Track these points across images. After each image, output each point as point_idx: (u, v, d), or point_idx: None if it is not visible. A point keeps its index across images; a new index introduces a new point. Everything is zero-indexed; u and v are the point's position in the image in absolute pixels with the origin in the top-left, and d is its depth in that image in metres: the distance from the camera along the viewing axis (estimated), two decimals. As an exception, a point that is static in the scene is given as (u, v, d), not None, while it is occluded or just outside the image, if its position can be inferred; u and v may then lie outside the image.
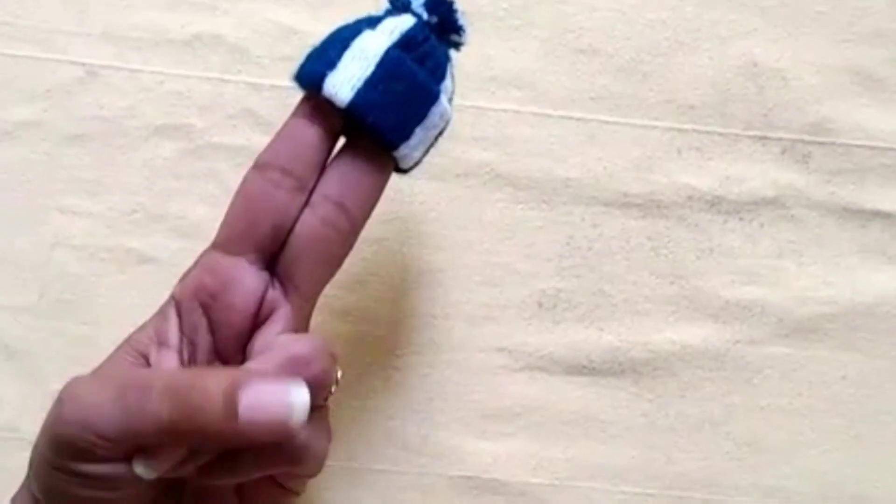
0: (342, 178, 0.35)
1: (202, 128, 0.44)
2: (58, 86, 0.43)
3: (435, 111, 0.35)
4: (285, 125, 0.35)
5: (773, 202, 0.45)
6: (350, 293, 0.43)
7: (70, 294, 0.43)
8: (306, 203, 0.34)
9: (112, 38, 0.44)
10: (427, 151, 0.36)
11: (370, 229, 0.42)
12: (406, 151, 0.35)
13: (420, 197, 0.44)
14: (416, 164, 0.36)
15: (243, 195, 0.35)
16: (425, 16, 0.35)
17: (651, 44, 0.44)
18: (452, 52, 0.36)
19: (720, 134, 0.45)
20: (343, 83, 0.33)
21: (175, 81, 0.44)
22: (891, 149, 0.45)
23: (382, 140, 0.34)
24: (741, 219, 0.45)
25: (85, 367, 0.41)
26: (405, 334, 0.44)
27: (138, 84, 0.44)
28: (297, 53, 0.43)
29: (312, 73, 0.34)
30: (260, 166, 0.35)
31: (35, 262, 0.43)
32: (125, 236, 0.43)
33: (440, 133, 0.36)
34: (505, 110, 0.44)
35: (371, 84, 0.33)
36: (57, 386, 0.32)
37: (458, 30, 0.36)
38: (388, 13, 0.35)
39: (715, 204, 0.45)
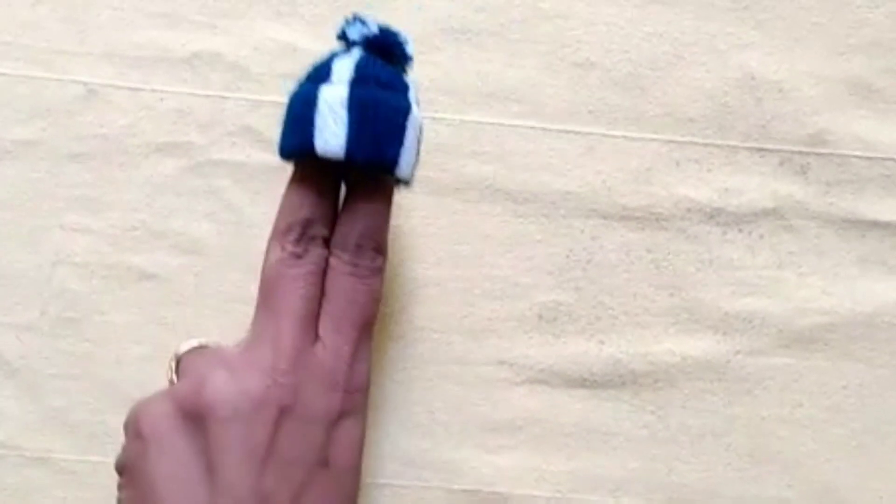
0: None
1: (202, 145, 0.44)
2: (58, 104, 0.44)
3: (412, 119, 0.36)
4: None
5: (772, 213, 0.45)
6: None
7: (72, 311, 0.43)
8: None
9: (112, 57, 0.44)
10: (418, 154, 0.37)
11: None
12: (404, 167, 0.36)
13: (420, 211, 0.44)
14: (414, 170, 0.37)
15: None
16: (366, 41, 0.36)
17: (649, 57, 0.45)
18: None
19: (719, 146, 0.45)
20: (330, 141, 0.35)
21: (175, 99, 0.44)
22: (889, 159, 0.45)
23: (383, 170, 0.36)
24: (740, 230, 0.45)
25: (87, 384, 0.42)
26: (406, 348, 0.44)
27: (138, 102, 0.44)
28: (296, 70, 0.44)
29: (299, 143, 0.36)
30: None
31: (37, 279, 0.43)
32: (126, 253, 0.44)
33: (420, 132, 0.37)
34: (503, 124, 0.44)
35: (353, 131, 0.35)
36: (58, 403, 0.32)
37: (402, 54, 0.37)
38: (333, 56, 0.37)
39: (714, 216, 0.45)
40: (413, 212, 0.44)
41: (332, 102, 0.35)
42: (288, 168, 0.37)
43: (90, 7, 0.44)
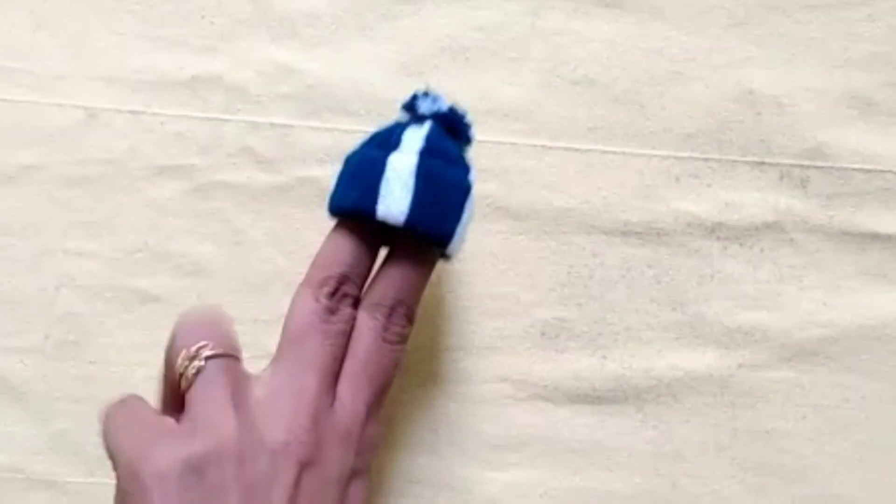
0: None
1: (203, 167, 0.44)
2: (59, 129, 0.44)
3: (470, 199, 0.38)
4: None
5: (772, 227, 0.45)
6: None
7: (75, 335, 0.44)
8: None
9: (112, 82, 0.44)
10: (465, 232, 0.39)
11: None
12: (455, 243, 0.37)
13: (421, 230, 0.44)
14: (460, 248, 0.38)
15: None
16: (437, 116, 0.38)
17: (647, 73, 0.45)
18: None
19: (718, 161, 0.45)
20: (392, 206, 0.36)
21: (175, 122, 0.44)
22: (888, 172, 0.45)
23: (437, 242, 0.37)
24: (741, 244, 0.45)
25: (91, 407, 0.42)
26: (409, 367, 0.44)
27: (139, 126, 0.44)
28: (295, 91, 0.44)
29: (359, 204, 0.36)
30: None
31: (40, 303, 0.44)
32: (129, 276, 0.44)
33: (472, 213, 0.39)
34: (503, 142, 0.45)
35: (417, 200, 0.36)
36: (64, 425, 0.33)
37: (466, 135, 0.39)
38: (402, 126, 0.38)
39: (714, 230, 0.45)
40: (414, 231, 0.44)
41: (401, 170, 0.36)
42: (293, 195, 0.37)
43: (90, 32, 0.44)
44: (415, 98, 0.38)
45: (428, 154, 0.36)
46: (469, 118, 0.39)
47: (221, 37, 0.44)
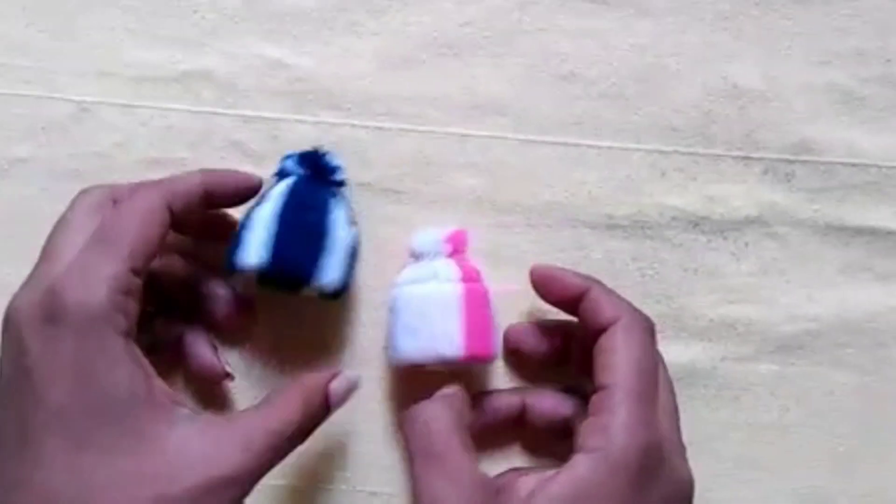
0: None
1: (193, 160, 0.44)
2: (52, 123, 0.45)
3: (334, 239, 0.40)
4: None
5: (756, 221, 0.45)
6: (342, 320, 0.44)
7: (68, 325, 0.44)
8: None
9: (104, 76, 0.45)
10: (350, 272, 0.41)
11: (363, 256, 0.43)
12: (324, 281, 0.40)
13: (408, 223, 0.44)
14: (345, 286, 0.41)
15: None
16: (301, 172, 0.41)
17: (633, 68, 0.45)
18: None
19: (703, 155, 0.45)
20: (250, 253, 0.39)
21: (166, 116, 0.45)
22: (873, 166, 0.45)
23: (298, 283, 0.40)
24: (725, 238, 0.45)
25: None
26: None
27: (130, 119, 0.45)
28: (284, 86, 0.45)
29: (229, 260, 0.40)
30: None
31: (34, 294, 0.44)
32: (121, 267, 0.44)
33: (353, 261, 0.42)
34: (489, 136, 0.45)
35: (276, 241, 0.39)
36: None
37: (332, 172, 0.42)
38: (275, 180, 0.42)
39: (699, 224, 0.45)
40: (401, 223, 0.45)
41: (262, 217, 0.40)
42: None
43: (82, 27, 0.45)
44: (284, 160, 0.42)
45: (288, 204, 0.40)
46: (333, 159, 0.42)
47: (212, 32, 0.45)
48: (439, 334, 0.40)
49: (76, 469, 0.33)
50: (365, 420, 0.44)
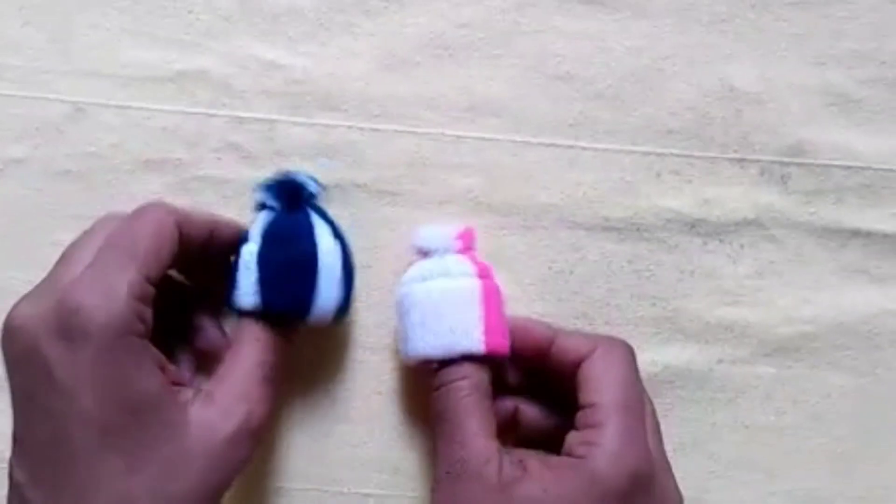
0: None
1: (188, 162, 0.44)
2: (47, 123, 0.44)
3: (323, 267, 0.40)
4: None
5: (752, 223, 0.45)
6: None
7: (63, 326, 0.44)
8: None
9: (99, 76, 0.45)
10: (348, 296, 0.41)
11: (358, 257, 0.43)
12: (319, 314, 0.40)
13: (403, 224, 0.44)
14: (346, 308, 0.41)
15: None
16: (276, 204, 0.41)
17: (629, 70, 0.45)
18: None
19: (699, 157, 0.45)
20: (242, 296, 0.40)
21: (161, 117, 0.44)
22: (868, 168, 0.45)
23: (295, 317, 0.40)
24: (721, 240, 0.45)
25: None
26: (389, 360, 0.44)
27: (126, 120, 0.44)
28: (280, 87, 0.45)
29: (228, 298, 0.40)
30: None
31: (28, 295, 0.44)
32: (115, 268, 0.44)
33: (350, 274, 0.41)
34: (485, 138, 0.45)
35: (262, 284, 0.39)
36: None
37: (305, 191, 0.42)
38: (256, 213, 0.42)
39: (695, 226, 0.45)
40: (396, 225, 0.45)
41: (246, 259, 0.40)
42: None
43: (77, 27, 0.45)
44: (257, 190, 0.42)
45: (269, 239, 0.40)
46: (302, 177, 0.42)
47: (208, 33, 0.45)
48: (459, 329, 0.39)
49: (129, 477, 0.35)
50: (361, 423, 0.44)
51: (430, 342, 0.39)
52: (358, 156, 0.45)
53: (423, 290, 0.40)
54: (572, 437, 0.38)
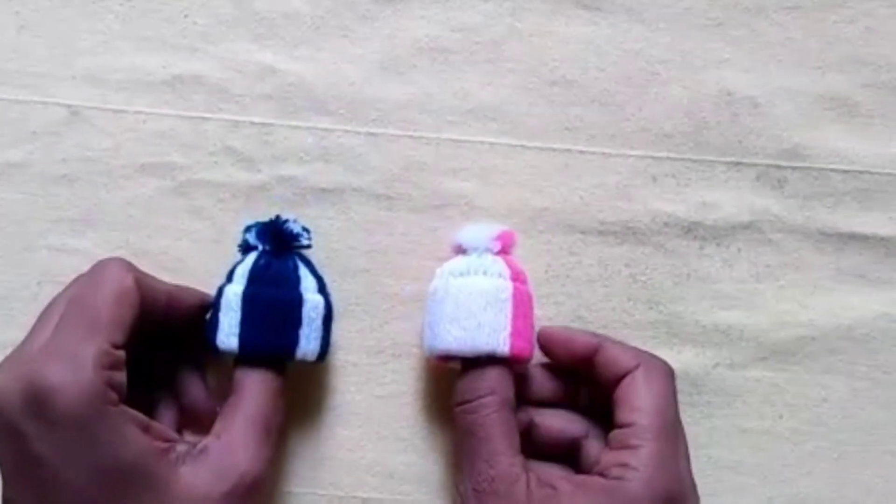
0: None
1: (184, 165, 0.44)
2: (43, 127, 0.44)
3: (306, 310, 0.40)
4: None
5: (749, 227, 0.45)
6: (333, 323, 0.44)
7: (58, 330, 0.44)
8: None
9: (95, 80, 0.45)
10: (327, 337, 0.42)
11: (355, 261, 0.43)
12: (302, 353, 0.40)
13: (400, 228, 0.44)
14: (325, 350, 0.42)
15: None
16: (260, 246, 0.41)
17: (625, 74, 0.45)
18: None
19: (695, 161, 0.45)
20: (223, 337, 0.40)
21: (157, 121, 0.44)
22: (865, 172, 0.45)
23: (272, 361, 0.40)
24: (718, 244, 0.45)
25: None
26: (386, 363, 0.44)
27: (122, 124, 0.44)
28: (276, 91, 0.45)
29: (208, 339, 0.41)
30: None
31: (23, 298, 0.44)
32: (111, 273, 0.44)
33: (328, 317, 0.42)
34: (481, 142, 0.45)
35: (244, 325, 0.40)
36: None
37: (296, 239, 0.42)
38: (237, 261, 0.42)
39: (691, 230, 0.45)
40: (393, 229, 0.45)
41: (229, 299, 0.40)
42: (273, 193, 0.37)
43: (73, 32, 0.45)
44: (246, 231, 0.42)
45: (253, 281, 0.40)
46: (296, 226, 0.42)
47: (203, 37, 0.45)
48: (486, 329, 0.39)
49: None
50: (357, 427, 0.44)
51: (457, 337, 0.39)
52: (354, 160, 0.45)
53: (458, 285, 0.40)
54: (607, 457, 0.38)
